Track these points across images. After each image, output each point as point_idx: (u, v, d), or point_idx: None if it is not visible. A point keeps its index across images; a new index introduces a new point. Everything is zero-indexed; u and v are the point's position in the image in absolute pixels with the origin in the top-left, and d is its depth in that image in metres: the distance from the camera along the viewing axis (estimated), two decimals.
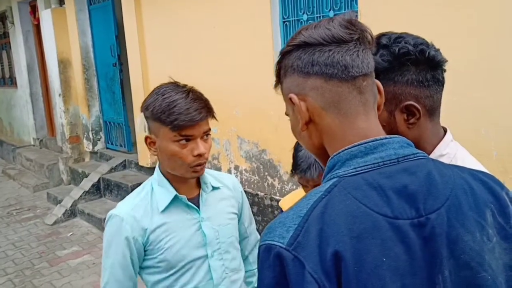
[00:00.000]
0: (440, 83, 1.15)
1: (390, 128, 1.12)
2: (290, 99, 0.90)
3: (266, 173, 4.56)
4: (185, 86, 1.54)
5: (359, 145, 0.84)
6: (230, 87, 4.69)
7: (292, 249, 0.76)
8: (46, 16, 7.42)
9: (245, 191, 5.20)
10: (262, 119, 4.44)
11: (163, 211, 1.56)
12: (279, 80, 0.95)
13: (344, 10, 3.70)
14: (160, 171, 1.61)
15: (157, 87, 1.55)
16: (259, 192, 4.65)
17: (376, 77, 1.08)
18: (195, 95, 1.50)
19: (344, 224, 0.77)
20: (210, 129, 1.54)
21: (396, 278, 0.76)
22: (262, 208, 4.60)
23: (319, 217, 0.78)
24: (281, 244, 0.77)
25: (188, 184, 1.61)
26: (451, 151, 1.17)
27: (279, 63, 0.94)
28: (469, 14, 2.80)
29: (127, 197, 1.64)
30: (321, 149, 0.91)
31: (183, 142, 1.48)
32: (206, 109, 1.50)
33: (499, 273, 0.83)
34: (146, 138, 1.56)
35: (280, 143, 4.16)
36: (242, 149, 4.80)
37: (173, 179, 1.58)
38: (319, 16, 3.91)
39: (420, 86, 1.11)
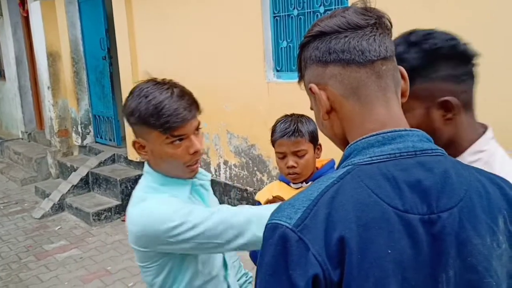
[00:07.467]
0: (473, 77, 1.14)
1: (427, 125, 1.09)
2: (311, 89, 0.90)
3: (255, 168, 4.56)
4: (164, 82, 1.46)
5: (377, 134, 0.83)
6: (220, 82, 4.68)
7: (298, 230, 0.76)
8: (35, 8, 7.34)
9: (234, 186, 5.19)
10: (251, 114, 4.44)
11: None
12: (301, 74, 0.95)
13: (335, 6, 3.70)
14: (154, 171, 1.50)
15: (136, 87, 1.45)
16: (248, 187, 4.66)
17: (409, 75, 1.06)
18: (180, 91, 1.43)
19: (353, 211, 0.76)
20: (199, 123, 1.48)
21: (398, 271, 0.76)
22: (251, 204, 4.59)
23: (328, 202, 0.78)
24: (287, 225, 0.77)
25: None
26: (491, 148, 1.15)
27: (299, 57, 0.94)
28: (458, 11, 2.81)
29: (158, 204, 1.42)
30: (343, 139, 0.90)
31: (177, 142, 1.41)
32: (195, 105, 1.44)
33: (503, 280, 0.83)
34: (134, 142, 1.47)
35: (270, 138, 4.15)
36: (231, 144, 4.79)
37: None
38: (310, 12, 3.91)
39: (454, 81, 1.10)
